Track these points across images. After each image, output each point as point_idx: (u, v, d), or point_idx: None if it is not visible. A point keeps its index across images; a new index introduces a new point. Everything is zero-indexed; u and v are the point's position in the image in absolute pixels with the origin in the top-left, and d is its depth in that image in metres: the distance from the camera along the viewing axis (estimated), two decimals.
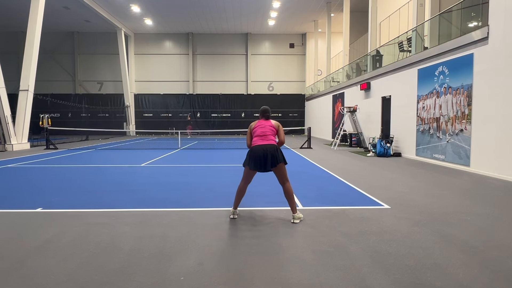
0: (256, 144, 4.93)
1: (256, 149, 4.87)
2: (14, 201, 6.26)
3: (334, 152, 15.14)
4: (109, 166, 10.83)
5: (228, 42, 34.05)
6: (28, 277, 3.25)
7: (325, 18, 28.83)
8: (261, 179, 7.71)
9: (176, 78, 34.26)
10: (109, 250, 3.88)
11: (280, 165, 4.88)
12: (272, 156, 4.80)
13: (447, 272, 3.30)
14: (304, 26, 31.76)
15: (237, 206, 5.17)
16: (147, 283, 3.13)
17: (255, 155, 4.86)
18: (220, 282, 3.15)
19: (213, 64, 34.23)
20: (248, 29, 32.55)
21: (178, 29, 32.66)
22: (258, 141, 4.94)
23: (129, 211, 5.54)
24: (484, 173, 8.98)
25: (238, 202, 5.15)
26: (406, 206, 5.78)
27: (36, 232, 4.49)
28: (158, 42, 34.06)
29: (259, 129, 5.03)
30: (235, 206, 5.16)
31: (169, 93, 34.10)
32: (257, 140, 4.96)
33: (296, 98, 34.31)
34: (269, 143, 4.88)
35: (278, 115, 33.88)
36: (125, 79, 31.87)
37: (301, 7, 26.65)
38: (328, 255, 3.71)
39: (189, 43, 33.77)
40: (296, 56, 34.36)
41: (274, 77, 34.44)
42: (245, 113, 34.02)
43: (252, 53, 34.12)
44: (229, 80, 34.31)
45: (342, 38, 28.01)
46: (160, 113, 34.11)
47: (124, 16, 28.44)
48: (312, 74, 33.40)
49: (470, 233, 4.43)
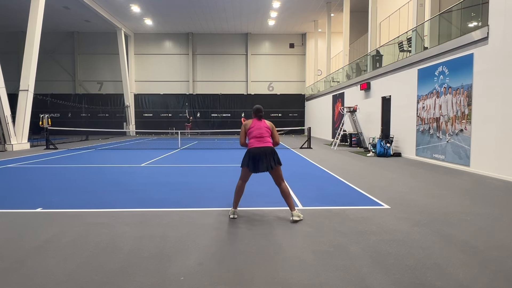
0: (254, 146, 5.04)
1: (255, 151, 5.00)
2: (14, 201, 6.26)
3: (334, 152, 15.14)
4: (109, 166, 10.83)
5: (228, 42, 34.04)
6: (28, 277, 3.25)
7: (325, 18, 28.81)
8: (260, 179, 7.70)
9: (176, 78, 34.26)
10: (109, 250, 3.88)
11: (277, 167, 5.04)
12: (271, 159, 4.98)
13: (447, 272, 3.30)
14: (304, 26, 31.76)
15: (237, 205, 5.21)
16: (147, 283, 3.13)
17: (254, 157, 4.99)
18: (220, 282, 3.15)
19: (213, 64, 34.23)
20: (248, 29, 32.55)
21: (178, 29, 32.66)
22: (256, 143, 5.05)
23: (129, 211, 5.54)
24: (484, 173, 8.98)
25: (237, 201, 5.20)
26: (406, 206, 5.78)
27: (36, 232, 4.49)
28: (158, 42, 34.07)
29: (256, 130, 5.11)
30: (235, 206, 5.20)
31: (169, 93, 34.10)
32: (254, 142, 5.06)
33: (296, 98, 34.30)
34: (267, 146, 5.04)
35: (278, 115, 33.89)
36: (125, 79, 31.87)
37: (301, 7, 26.65)
38: (328, 255, 3.71)
39: (189, 43, 33.77)
40: (296, 56, 34.35)
41: (274, 77, 34.44)
42: (245, 113, 34.00)
43: (252, 53, 34.12)
44: (229, 80, 34.31)
45: (342, 38, 28.07)
46: (160, 113, 34.11)
47: (124, 16, 28.44)
48: (312, 74, 33.39)
49: (470, 233, 4.43)
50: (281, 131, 32.71)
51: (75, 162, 12.01)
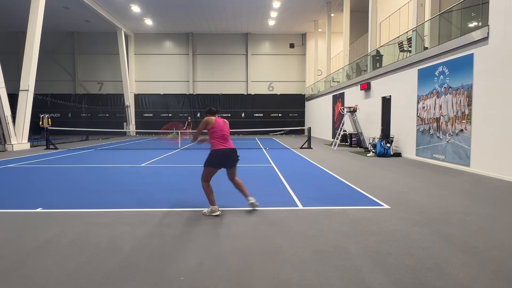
0: (220, 147, 5.34)
1: (223, 152, 5.33)
2: (14, 201, 6.26)
3: (334, 152, 15.14)
4: (109, 166, 10.83)
5: (228, 42, 34.04)
6: (28, 277, 3.25)
7: (325, 18, 28.82)
8: (260, 179, 7.69)
9: (176, 78, 34.26)
10: (109, 250, 3.88)
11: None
12: (235, 159, 5.45)
13: (447, 272, 3.30)
14: (304, 26, 31.76)
15: (214, 202, 5.32)
16: (147, 283, 3.13)
17: (221, 158, 5.34)
18: (220, 282, 3.15)
19: (213, 64, 34.22)
20: (248, 29, 32.54)
21: (178, 29, 32.66)
22: (221, 144, 5.36)
23: (129, 211, 5.53)
24: (484, 173, 8.98)
25: (213, 197, 5.35)
26: (406, 206, 5.78)
27: (36, 232, 4.49)
28: (158, 42, 34.06)
29: (220, 131, 5.38)
30: (213, 203, 5.30)
31: (169, 93, 34.10)
32: (220, 143, 5.36)
33: (296, 98, 34.30)
34: (232, 147, 5.44)
35: (278, 115, 33.91)
36: (125, 79, 31.87)
37: (301, 7, 26.64)
38: (328, 255, 3.71)
39: (189, 43, 33.77)
40: (296, 56, 34.35)
41: (274, 77, 34.43)
42: (245, 113, 34.02)
43: (252, 53, 34.12)
44: (229, 80, 34.31)
45: (342, 38, 28.12)
46: (160, 113, 34.11)
47: (124, 16, 28.44)
48: (312, 74, 33.39)
49: (470, 233, 4.42)
50: (281, 131, 32.74)
51: (75, 162, 12.01)
